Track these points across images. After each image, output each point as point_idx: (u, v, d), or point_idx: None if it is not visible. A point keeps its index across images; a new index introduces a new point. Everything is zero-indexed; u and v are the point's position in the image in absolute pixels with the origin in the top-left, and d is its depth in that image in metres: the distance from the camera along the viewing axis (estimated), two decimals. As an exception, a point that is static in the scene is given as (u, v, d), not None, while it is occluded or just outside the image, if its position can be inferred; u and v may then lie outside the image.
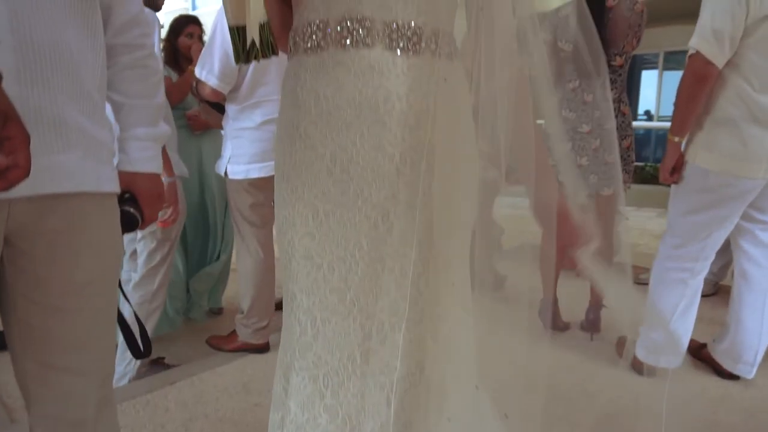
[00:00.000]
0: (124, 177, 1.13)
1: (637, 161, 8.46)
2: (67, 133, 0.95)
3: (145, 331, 1.20)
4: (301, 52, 0.93)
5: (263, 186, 2.25)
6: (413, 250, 0.88)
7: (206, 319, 3.04)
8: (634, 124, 8.63)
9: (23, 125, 0.76)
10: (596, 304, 2.66)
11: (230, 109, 2.20)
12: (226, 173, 2.25)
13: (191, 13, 13.72)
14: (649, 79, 9.83)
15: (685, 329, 2.16)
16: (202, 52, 2.11)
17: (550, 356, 1.10)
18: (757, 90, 1.89)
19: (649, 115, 10.11)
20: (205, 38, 2.90)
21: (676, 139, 2.05)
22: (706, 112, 2.00)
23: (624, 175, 2.49)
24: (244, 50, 0.81)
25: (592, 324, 2.64)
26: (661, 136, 8.58)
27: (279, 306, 2.72)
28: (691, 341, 2.31)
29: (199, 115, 2.75)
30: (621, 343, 2.49)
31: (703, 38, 1.87)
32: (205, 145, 2.88)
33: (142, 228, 1.18)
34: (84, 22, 0.99)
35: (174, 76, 2.90)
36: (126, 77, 1.14)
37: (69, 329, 1.02)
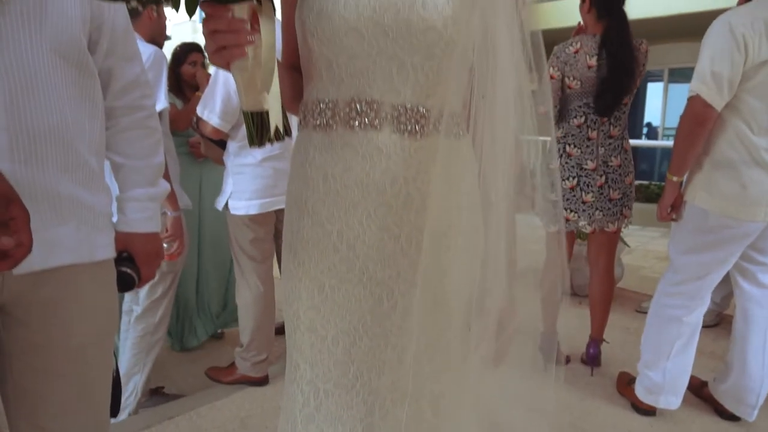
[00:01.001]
0: (122, 237, 1.15)
1: (641, 179, 8.47)
2: (60, 206, 0.97)
3: (120, 393, 1.19)
4: (310, 127, 0.94)
5: (263, 221, 2.26)
6: (416, 328, 0.89)
7: (206, 344, 3.05)
8: (638, 142, 8.59)
9: (23, 204, 0.77)
10: (597, 338, 2.65)
11: (231, 145, 2.21)
12: (227, 208, 2.26)
13: (198, 25, 13.83)
14: (654, 91, 9.81)
15: (683, 369, 2.14)
16: (205, 91, 2.13)
17: (552, 395, 1.07)
18: (756, 133, 1.89)
19: (650, 128, 10.08)
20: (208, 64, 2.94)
21: (675, 178, 2.05)
22: (705, 152, 2.00)
23: (626, 210, 2.49)
24: (258, 134, 0.82)
25: (592, 359, 2.63)
26: (666, 153, 8.56)
27: (279, 331, 2.74)
28: (692, 378, 2.30)
29: (200, 144, 2.77)
30: (622, 379, 2.47)
31: (702, 82, 1.87)
32: (207, 173, 2.90)
33: (140, 287, 1.20)
34: (82, 93, 1.01)
35: (178, 104, 2.93)
36: (125, 138, 1.16)
37: (62, 393, 1.03)
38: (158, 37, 2.29)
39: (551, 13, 7.54)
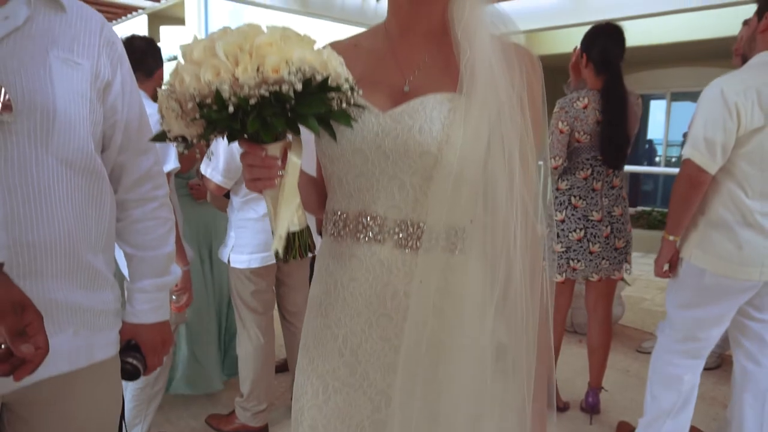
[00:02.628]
0: (129, 327, 1.16)
1: (643, 206, 8.49)
2: (58, 315, 0.97)
3: None
4: (328, 234, 1.01)
5: (265, 273, 2.29)
6: None
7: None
8: (641, 169, 8.59)
9: (36, 307, 0.80)
10: (596, 386, 2.66)
11: (235, 200, 2.25)
12: (228, 261, 2.29)
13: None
14: (657, 107, 9.82)
15: (683, 425, 2.15)
16: (209, 150, 2.17)
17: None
18: (750, 197, 1.91)
19: (651, 145, 10.04)
20: None
21: (671, 237, 2.07)
22: (701, 212, 2.02)
23: (628, 257, 2.55)
24: (283, 253, 0.88)
25: (591, 406, 2.63)
26: (669, 180, 8.56)
27: (280, 368, 2.76)
28: (692, 429, 2.30)
29: (201, 185, 2.81)
30: (622, 430, 2.48)
31: (695, 148, 1.90)
32: (207, 213, 2.92)
33: (146, 375, 1.21)
34: (88, 198, 1.02)
35: (181, 146, 2.96)
36: (136, 230, 1.17)
37: None
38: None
39: (550, 41, 7.61)
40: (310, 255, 0.91)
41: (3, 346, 0.77)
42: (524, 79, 0.90)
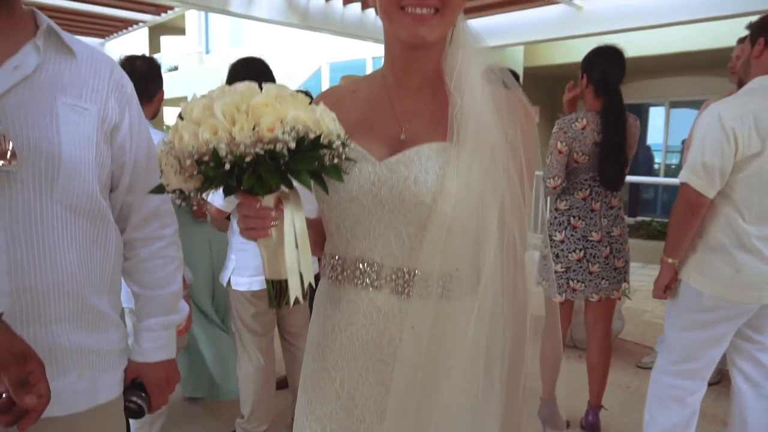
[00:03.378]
0: (134, 366, 1.16)
1: (642, 216, 8.48)
2: (63, 358, 0.98)
3: None
4: (326, 277, 1.03)
5: (265, 295, 2.29)
6: None
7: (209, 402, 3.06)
8: (641, 179, 8.60)
9: (37, 355, 0.81)
10: (596, 404, 2.66)
11: (235, 223, 2.26)
12: (229, 283, 2.30)
13: (204, 56, 14.04)
14: (656, 113, 9.83)
15: (684, 447, 2.16)
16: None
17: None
18: (747, 221, 1.92)
19: (649, 151, 10.03)
20: None
21: (670, 260, 2.08)
22: (699, 235, 2.03)
23: (627, 276, 2.56)
24: (276, 298, 0.90)
25: (591, 426, 2.64)
26: (668, 189, 8.59)
27: (280, 384, 2.76)
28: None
29: (201, 204, 2.82)
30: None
31: (693, 172, 1.91)
32: (208, 229, 2.94)
33: (151, 413, 1.20)
34: (93, 241, 1.03)
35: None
36: (143, 269, 1.17)
37: None
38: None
39: (549, 52, 7.65)
40: (300, 303, 0.92)
41: (4, 396, 0.77)
42: (517, 127, 0.91)
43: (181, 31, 13.98)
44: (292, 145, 0.75)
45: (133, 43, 7.56)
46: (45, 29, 0.99)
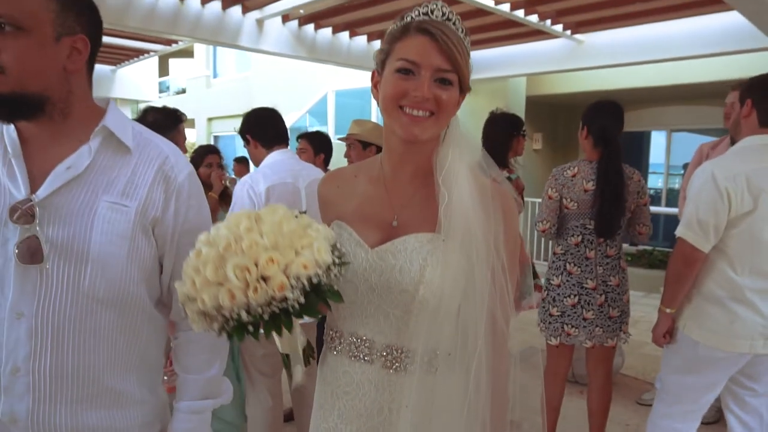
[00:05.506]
0: None
1: (643, 245, 8.53)
2: None
3: None
4: (327, 345, 1.13)
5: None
6: None
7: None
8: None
9: None
10: (596, 442, 2.71)
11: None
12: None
13: (212, 80, 14.25)
14: (657, 136, 9.93)
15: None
16: (226, 218, 2.27)
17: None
18: (740, 274, 2.00)
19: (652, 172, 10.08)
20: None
21: (668, 310, 2.15)
22: (694, 287, 2.11)
23: (624, 326, 2.59)
24: (286, 364, 1.04)
25: (592, 464, 2.68)
26: (670, 219, 8.65)
27: (287, 417, 2.81)
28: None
29: None
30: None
31: (689, 228, 2.00)
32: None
33: None
34: (119, 330, 1.07)
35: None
36: (183, 352, 1.21)
37: None
38: None
39: (556, 81, 7.78)
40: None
41: None
42: (500, 219, 1.00)
43: (189, 54, 14.22)
44: (302, 300, 0.86)
45: (143, 67, 7.72)
46: (99, 129, 1.05)
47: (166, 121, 2.41)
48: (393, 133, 1.04)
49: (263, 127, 2.44)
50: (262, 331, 0.88)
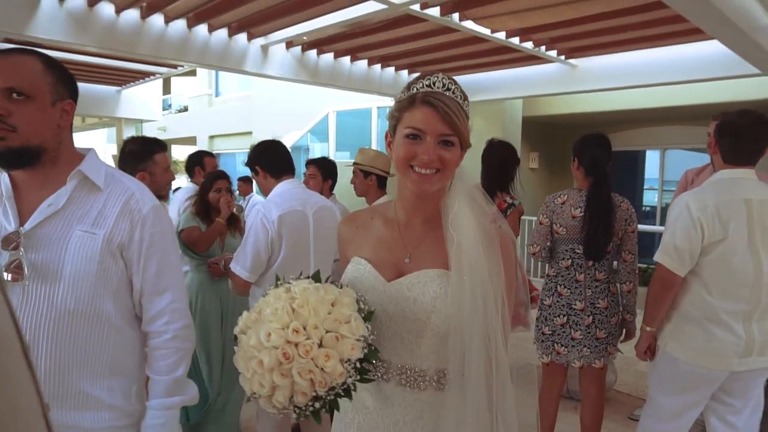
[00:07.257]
0: None
1: (640, 262, 8.65)
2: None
3: None
4: None
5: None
6: None
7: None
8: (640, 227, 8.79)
9: None
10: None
11: (256, 291, 2.49)
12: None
13: (214, 99, 14.47)
14: (652, 153, 10.12)
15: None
16: (238, 249, 2.43)
17: None
18: (715, 296, 2.16)
19: (647, 186, 10.22)
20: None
21: (648, 328, 2.32)
22: (674, 307, 2.27)
23: (611, 348, 2.73)
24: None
25: (585, 478, 2.81)
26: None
27: (294, 430, 2.95)
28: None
29: (219, 263, 3.07)
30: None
31: (666, 254, 2.17)
32: (225, 287, 3.17)
33: None
34: (88, 335, 1.27)
35: (203, 227, 3.22)
36: (152, 357, 1.39)
37: None
38: (160, 190, 2.58)
39: (551, 103, 7.98)
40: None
41: None
42: (500, 259, 1.16)
43: (192, 73, 14.44)
44: (357, 377, 1.05)
45: (148, 87, 7.91)
46: (74, 174, 1.29)
47: (141, 152, 2.55)
48: (406, 187, 1.21)
49: (271, 160, 2.61)
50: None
